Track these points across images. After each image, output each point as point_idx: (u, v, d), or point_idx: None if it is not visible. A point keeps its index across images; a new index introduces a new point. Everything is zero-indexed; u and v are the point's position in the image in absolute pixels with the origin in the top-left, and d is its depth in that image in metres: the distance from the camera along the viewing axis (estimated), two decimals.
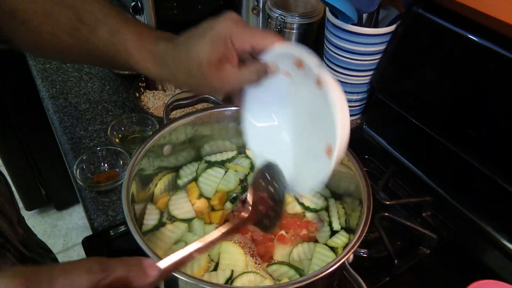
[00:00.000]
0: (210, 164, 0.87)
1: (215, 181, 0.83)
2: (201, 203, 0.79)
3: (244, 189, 0.82)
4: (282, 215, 0.67)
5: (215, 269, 0.68)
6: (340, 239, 0.73)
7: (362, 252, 0.83)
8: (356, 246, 0.58)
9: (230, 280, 0.65)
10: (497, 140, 0.80)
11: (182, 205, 0.78)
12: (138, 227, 0.71)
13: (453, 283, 0.79)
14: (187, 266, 0.66)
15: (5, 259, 0.75)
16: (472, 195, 0.89)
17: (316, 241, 0.75)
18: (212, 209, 0.80)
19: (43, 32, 0.61)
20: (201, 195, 0.81)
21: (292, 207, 0.79)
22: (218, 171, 0.84)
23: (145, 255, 0.57)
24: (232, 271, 0.66)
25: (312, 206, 0.79)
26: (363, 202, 0.66)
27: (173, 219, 0.77)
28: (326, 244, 0.73)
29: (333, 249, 0.73)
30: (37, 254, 0.86)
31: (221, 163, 0.87)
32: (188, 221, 0.76)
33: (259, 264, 0.70)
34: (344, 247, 0.62)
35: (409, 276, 0.80)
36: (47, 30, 0.61)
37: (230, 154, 0.88)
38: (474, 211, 0.88)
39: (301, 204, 0.79)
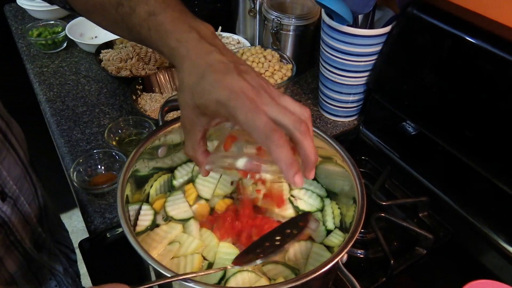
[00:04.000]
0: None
1: (212, 182, 0.83)
2: (201, 207, 0.79)
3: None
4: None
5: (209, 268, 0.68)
6: (337, 238, 0.73)
7: (358, 253, 0.83)
8: (349, 246, 0.58)
9: (223, 279, 0.65)
10: (493, 140, 0.80)
11: (179, 206, 0.78)
12: (133, 228, 0.71)
13: (449, 283, 0.79)
14: (180, 266, 0.66)
15: (12, 255, 0.75)
16: (468, 195, 0.89)
17: (312, 240, 0.75)
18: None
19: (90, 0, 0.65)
20: (198, 197, 0.81)
21: (286, 211, 0.79)
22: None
23: (138, 256, 0.57)
24: (225, 270, 0.66)
25: (307, 208, 0.79)
26: (357, 202, 0.66)
27: (169, 219, 0.76)
28: (323, 244, 0.73)
29: (329, 248, 0.72)
30: (48, 255, 0.86)
31: None
32: (185, 221, 0.76)
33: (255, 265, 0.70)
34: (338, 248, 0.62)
35: (405, 276, 0.80)
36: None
37: None
38: (470, 212, 0.88)
39: (296, 207, 0.79)
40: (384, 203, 0.88)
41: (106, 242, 0.83)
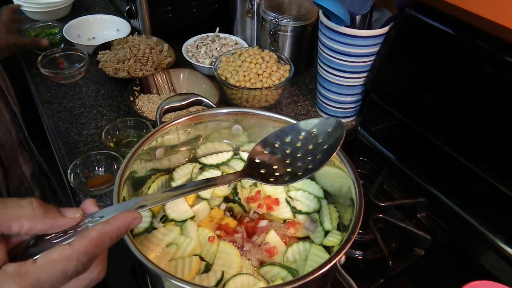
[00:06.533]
0: (205, 166, 0.86)
1: None
2: (202, 206, 0.79)
3: (235, 192, 0.82)
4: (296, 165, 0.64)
5: (206, 270, 0.68)
6: (335, 237, 0.73)
7: (357, 254, 0.83)
8: (347, 247, 0.58)
9: (221, 281, 0.65)
10: (491, 141, 0.80)
11: (179, 207, 0.77)
12: (131, 230, 0.71)
13: (448, 284, 0.79)
14: (177, 268, 0.66)
15: (24, 155, 0.93)
16: (466, 196, 0.89)
17: (311, 241, 0.75)
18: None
19: None
20: (198, 197, 0.81)
21: (283, 213, 0.79)
22: (214, 173, 0.84)
23: (136, 259, 0.56)
24: (223, 272, 0.66)
25: (304, 209, 0.78)
26: (355, 203, 0.65)
27: (167, 221, 0.76)
28: (322, 244, 0.73)
29: (329, 248, 0.72)
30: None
31: (216, 166, 0.87)
32: (183, 222, 0.76)
33: (255, 267, 0.70)
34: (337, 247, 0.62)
35: (404, 277, 0.80)
36: None
37: (225, 156, 0.88)
38: (468, 212, 0.88)
39: (293, 207, 0.79)
40: (382, 204, 0.87)
41: None
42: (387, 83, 1.00)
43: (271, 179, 0.62)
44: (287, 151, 0.65)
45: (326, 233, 0.75)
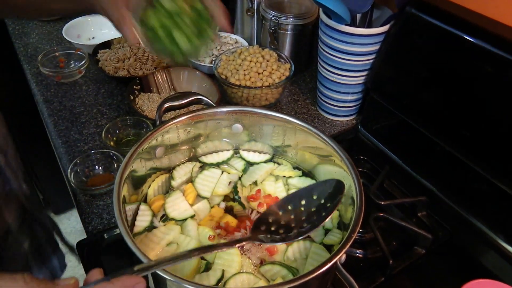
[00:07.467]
0: (205, 165, 0.86)
1: (212, 181, 0.82)
2: (202, 205, 0.79)
3: (236, 191, 0.82)
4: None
5: (206, 269, 0.68)
6: (335, 236, 0.73)
7: (357, 253, 0.83)
8: (348, 246, 0.58)
9: (221, 280, 0.65)
10: (492, 140, 0.80)
11: (179, 205, 0.77)
12: (131, 229, 0.71)
13: (448, 283, 0.78)
14: (177, 267, 0.66)
15: (9, 206, 0.82)
16: (467, 195, 0.89)
17: (312, 240, 0.75)
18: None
19: None
20: (198, 196, 0.81)
21: None
22: (214, 172, 0.84)
23: (136, 257, 0.56)
24: (223, 271, 0.66)
25: None
26: (356, 202, 0.65)
27: (167, 220, 0.76)
28: (322, 243, 0.73)
29: (329, 247, 0.72)
30: (37, 208, 0.94)
31: (216, 165, 0.87)
32: (183, 221, 0.76)
33: (256, 266, 0.70)
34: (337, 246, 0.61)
35: (404, 276, 0.80)
36: None
37: (226, 155, 0.88)
38: (469, 211, 0.88)
39: None
40: (382, 203, 0.87)
41: (104, 243, 0.83)
42: (388, 81, 1.00)
43: (277, 237, 0.64)
44: (292, 217, 0.67)
45: (327, 231, 0.75)
